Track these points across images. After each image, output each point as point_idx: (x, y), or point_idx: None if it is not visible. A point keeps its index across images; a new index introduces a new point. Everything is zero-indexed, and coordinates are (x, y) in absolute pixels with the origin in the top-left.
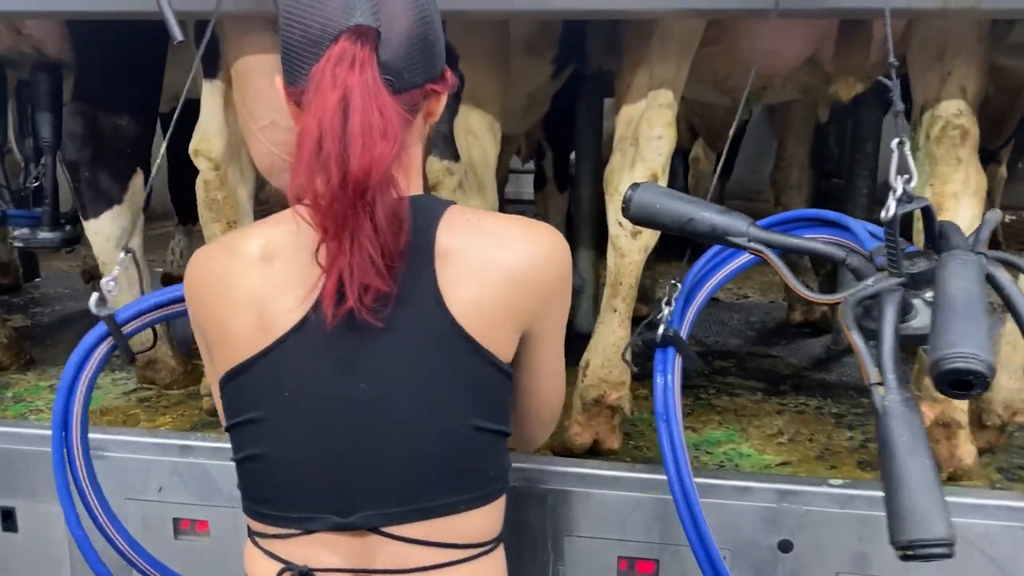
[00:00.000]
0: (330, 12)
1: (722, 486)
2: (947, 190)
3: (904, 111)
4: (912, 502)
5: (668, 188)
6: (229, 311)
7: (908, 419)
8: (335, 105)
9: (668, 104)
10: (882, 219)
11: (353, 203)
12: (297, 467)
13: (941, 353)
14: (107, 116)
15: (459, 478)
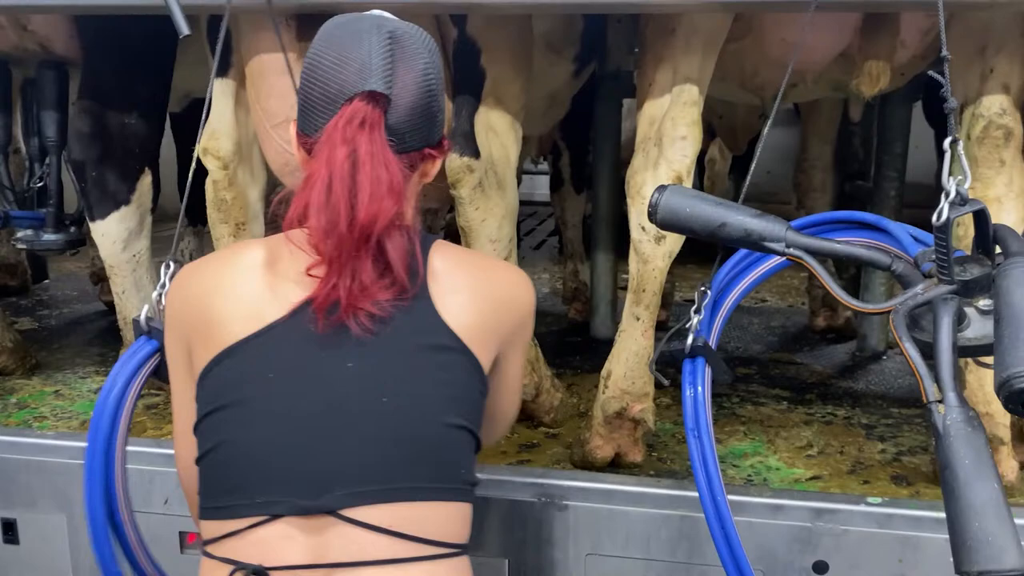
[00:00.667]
0: (348, 75)
1: (753, 503)
2: (990, 194)
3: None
4: (981, 530)
5: (699, 192)
6: (221, 306)
7: (973, 439)
8: (344, 157)
9: (693, 101)
10: (934, 223)
11: (357, 246)
12: (270, 448)
13: (1013, 370)
14: (115, 114)
15: (430, 467)
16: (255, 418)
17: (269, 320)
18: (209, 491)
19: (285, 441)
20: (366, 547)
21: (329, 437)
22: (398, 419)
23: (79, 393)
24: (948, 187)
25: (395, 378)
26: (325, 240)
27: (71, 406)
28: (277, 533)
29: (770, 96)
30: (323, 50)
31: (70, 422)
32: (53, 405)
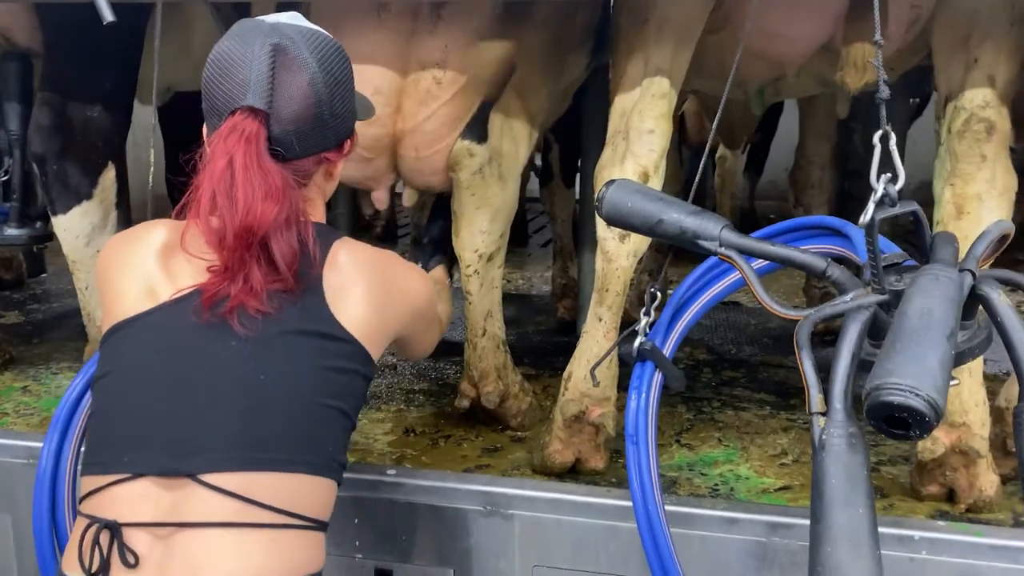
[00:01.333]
0: (231, 88)
1: (706, 516)
2: (969, 190)
3: (917, 101)
4: (831, 556)
5: (644, 186)
6: (123, 279)
7: (847, 458)
8: (223, 168)
9: (663, 94)
10: (859, 223)
11: (242, 253)
12: (142, 412)
13: (876, 382)
14: (77, 107)
15: (295, 441)
16: (130, 385)
17: (160, 299)
18: (88, 449)
19: (156, 407)
20: (215, 509)
21: (199, 406)
22: (269, 394)
23: (47, 389)
24: (875, 185)
25: (273, 358)
26: (218, 246)
27: (36, 403)
28: (135, 491)
29: (753, 90)
30: (220, 52)
31: (31, 419)
32: (18, 401)
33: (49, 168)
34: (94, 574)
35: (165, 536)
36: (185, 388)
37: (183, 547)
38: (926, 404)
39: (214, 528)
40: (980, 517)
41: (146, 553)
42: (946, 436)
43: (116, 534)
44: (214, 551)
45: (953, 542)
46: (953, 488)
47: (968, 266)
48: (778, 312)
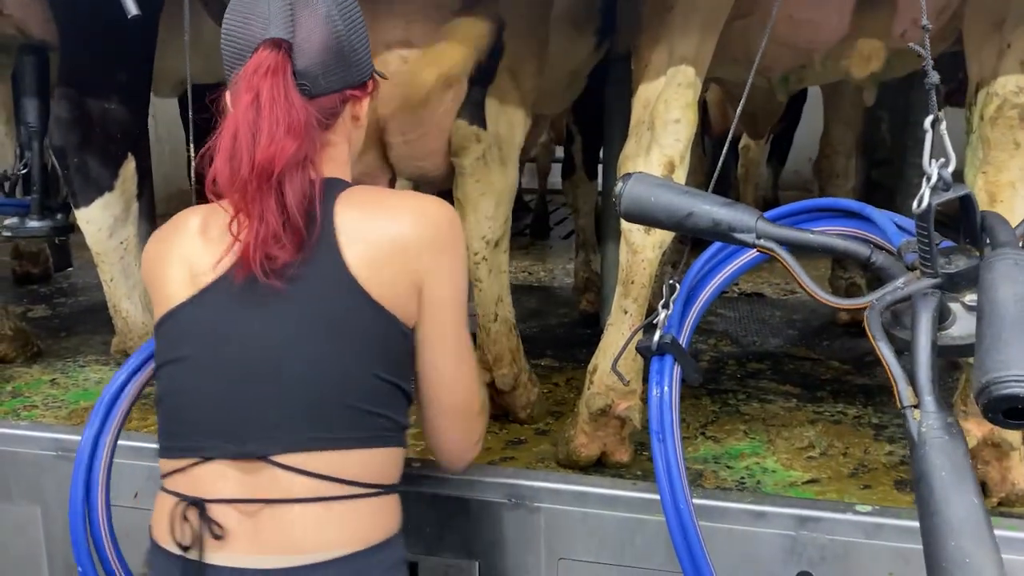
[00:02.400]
0: (253, 29)
1: (734, 510)
2: (1002, 179)
3: (954, 88)
4: (957, 549)
5: (666, 180)
6: (166, 268)
7: (951, 449)
8: (248, 104)
9: (689, 83)
10: (914, 211)
11: (259, 186)
12: (205, 400)
13: (992, 375)
14: (94, 100)
15: (352, 418)
16: (189, 374)
17: (203, 284)
18: (161, 433)
19: (217, 394)
20: (294, 486)
21: (259, 391)
22: (320, 377)
23: (75, 382)
24: (930, 171)
25: (315, 340)
26: (232, 187)
27: (64, 395)
28: (214, 472)
29: (778, 78)
30: (231, 12)
31: (59, 411)
32: (47, 394)
33: (70, 161)
34: (187, 547)
35: (253, 512)
36: (243, 373)
37: (272, 521)
38: None
39: (298, 503)
40: (1012, 511)
41: (236, 528)
42: (978, 428)
43: (202, 510)
44: (302, 523)
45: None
46: (985, 481)
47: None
48: (832, 302)
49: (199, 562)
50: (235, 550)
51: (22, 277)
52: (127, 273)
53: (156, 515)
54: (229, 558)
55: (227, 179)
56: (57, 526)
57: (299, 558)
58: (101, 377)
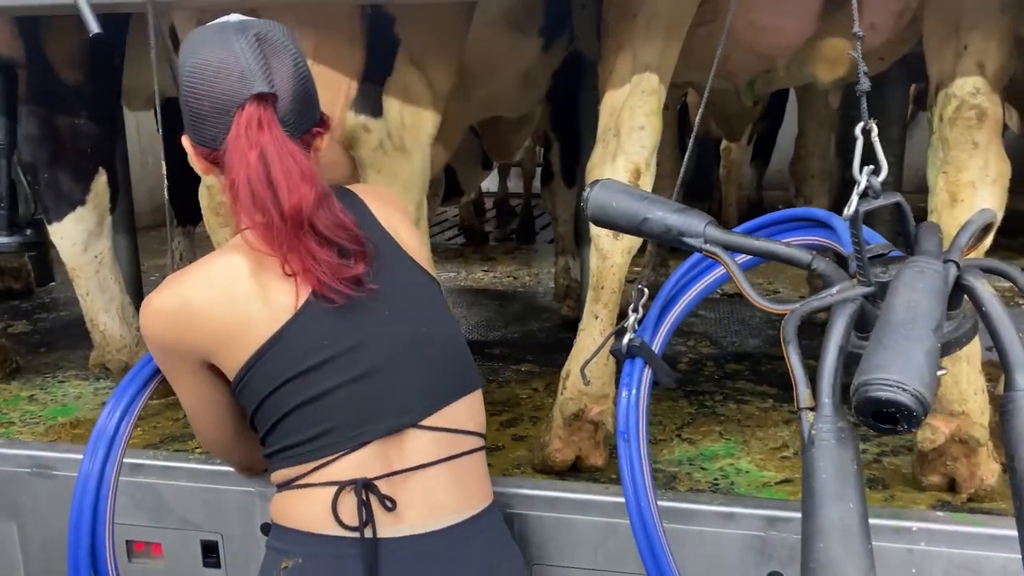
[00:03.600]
0: (232, 83)
1: (704, 512)
2: (963, 178)
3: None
4: (824, 552)
5: (628, 186)
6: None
7: (837, 453)
8: (256, 161)
9: (653, 90)
10: (843, 216)
11: (294, 233)
12: (350, 395)
13: (864, 378)
14: (63, 115)
15: (461, 369)
16: (326, 378)
17: (291, 312)
18: (294, 443)
19: (359, 387)
20: (432, 448)
21: (393, 372)
22: (434, 340)
23: (53, 398)
24: (858, 178)
25: (419, 313)
26: (270, 239)
27: (42, 411)
28: (361, 456)
29: (743, 82)
30: (199, 63)
31: (36, 428)
32: (24, 410)
33: (41, 177)
34: (363, 526)
35: (401, 482)
36: (371, 363)
37: (418, 487)
38: (913, 399)
39: (435, 465)
40: (982, 506)
41: (393, 498)
42: (946, 425)
43: (372, 488)
44: (440, 485)
45: (951, 533)
46: (954, 478)
47: (952, 257)
48: (764, 307)
49: (374, 538)
50: (395, 521)
51: (3, 292)
52: (103, 287)
53: (301, 506)
54: (392, 530)
55: (263, 232)
56: (34, 543)
57: (447, 518)
58: (80, 392)
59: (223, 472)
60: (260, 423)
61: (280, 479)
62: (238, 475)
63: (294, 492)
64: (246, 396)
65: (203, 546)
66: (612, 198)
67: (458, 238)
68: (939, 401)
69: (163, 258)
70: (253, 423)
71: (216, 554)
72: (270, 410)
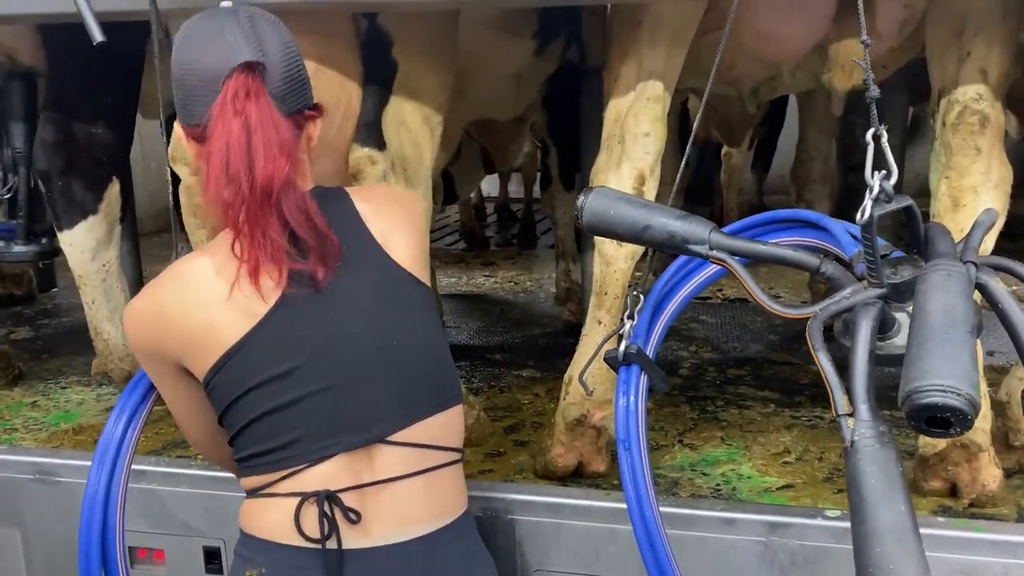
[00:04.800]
0: (219, 55)
1: (706, 517)
2: (965, 183)
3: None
4: (882, 556)
5: (626, 193)
6: (210, 313)
7: (882, 457)
8: (239, 129)
9: (658, 97)
10: (857, 221)
11: (261, 205)
12: (316, 406)
13: (914, 384)
14: (80, 124)
15: (437, 383)
16: (291, 387)
17: (260, 313)
18: (259, 452)
19: (326, 397)
20: (405, 461)
21: (359, 386)
22: (409, 350)
23: (56, 404)
24: (871, 183)
25: (394, 321)
26: (234, 209)
27: (44, 418)
28: (332, 467)
29: (748, 89)
30: (188, 44)
31: (39, 434)
32: (27, 417)
33: (54, 184)
34: (324, 539)
35: (372, 494)
36: (339, 375)
37: (388, 500)
38: (966, 402)
39: (406, 479)
40: (983, 512)
41: (360, 511)
42: None
43: (336, 501)
44: (411, 497)
45: (953, 538)
46: (956, 483)
47: (970, 257)
48: (780, 312)
49: (338, 550)
50: (362, 533)
51: (6, 299)
52: (109, 295)
53: (266, 516)
54: (359, 541)
55: (228, 202)
56: (36, 549)
57: (416, 528)
58: (82, 399)
59: (225, 479)
60: (228, 428)
61: (248, 486)
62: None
63: (260, 500)
64: (214, 400)
65: (205, 552)
66: (610, 206)
67: (459, 243)
68: None
69: (165, 264)
70: (222, 426)
71: (218, 560)
72: (235, 416)
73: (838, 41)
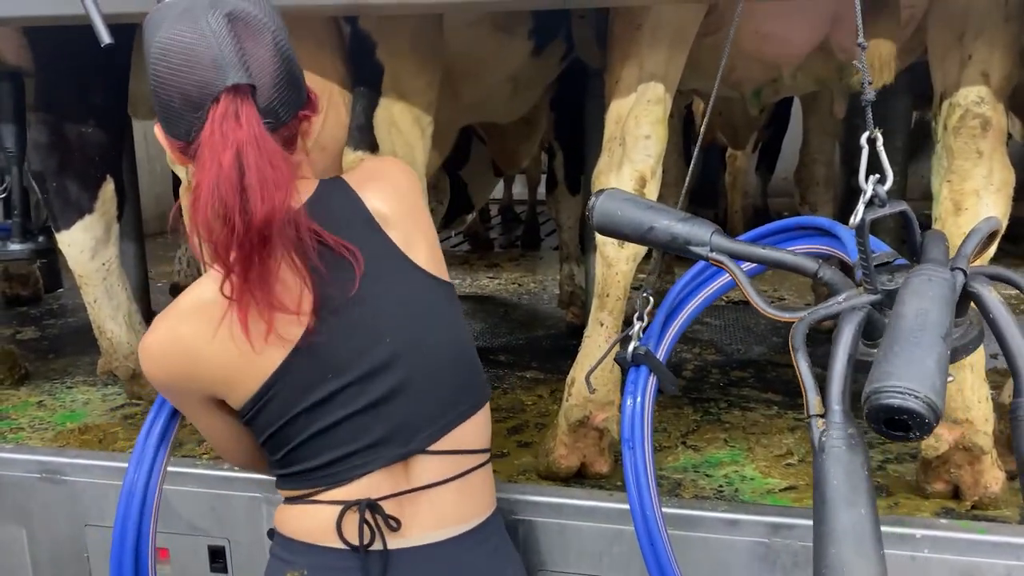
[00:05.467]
0: (204, 75)
1: (708, 518)
2: (967, 187)
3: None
4: (836, 557)
5: (633, 195)
6: (233, 349)
7: (847, 460)
8: (231, 163)
9: (659, 99)
10: (850, 225)
11: (255, 246)
12: (357, 428)
13: (875, 385)
14: (71, 124)
15: (467, 386)
16: (331, 411)
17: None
18: (305, 470)
19: (367, 416)
20: (441, 469)
21: (395, 401)
22: (441, 360)
23: (61, 404)
24: (864, 187)
25: (423, 331)
26: (223, 248)
27: (51, 417)
28: (372, 479)
29: (750, 91)
30: (165, 47)
31: (45, 434)
32: (33, 416)
33: (49, 185)
34: (367, 545)
35: (409, 501)
36: (378, 391)
37: (425, 505)
38: (925, 405)
39: (444, 484)
40: (986, 514)
41: (399, 516)
42: (949, 433)
43: (377, 509)
44: (447, 500)
45: (955, 540)
46: (958, 485)
47: (959, 264)
48: (771, 315)
49: (383, 551)
50: (401, 535)
51: (12, 299)
52: (110, 294)
53: (307, 521)
54: (399, 542)
55: (222, 240)
56: (42, 548)
57: (452, 530)
58: (88, 398)
59: (231, 478)
60: (269, 451)
61: (287, 494)
62: (245, 482)
63: (302, 506)
64: (254, 429)
65: (210, 551)
66: (618, 207)
67: (463, 245)
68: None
69: (170, 265)
70: (263, 447)
71: (223, 559)
72: (278, 441)
73: (833, 42)
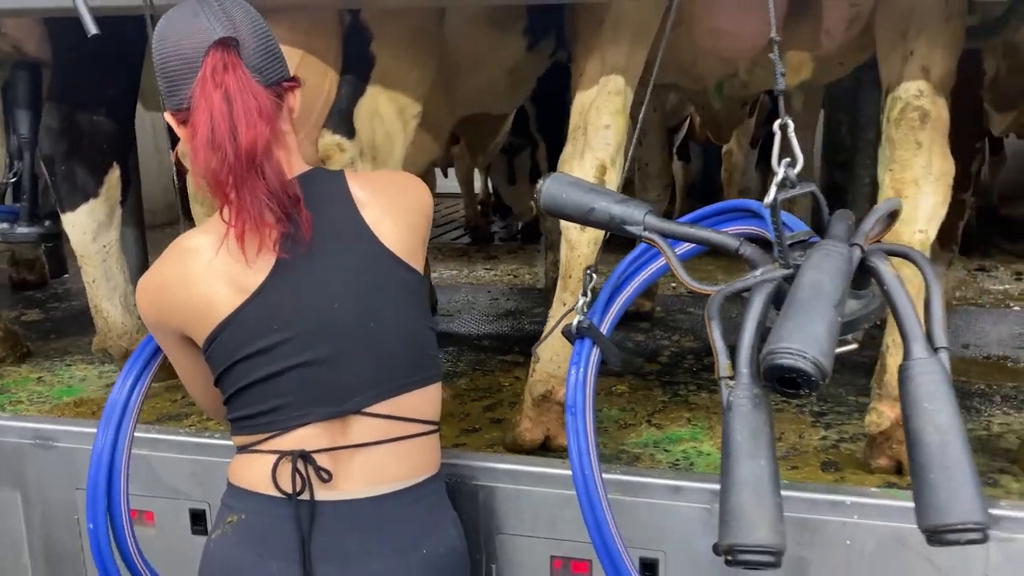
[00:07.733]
0: (197, 36)
1: (653, 484)
2: (907, 176)
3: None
4: (736, 504)
5: (577, 179)
6: (205, 288)
7: (752, 417)
8: (220, 99)
9: (619, 91)
10: (764, 205)
11: (246, 168)
12: (296, 379)
13: (769, 347)
14: (83, 112)
15: (416, 363)
16: (274, 360)
17: (245, 295)
18: (248, 415)
19: (308, 371)
20: (377, 430)
21: (338, 361)
22: (389, 334)
23: (60, 379)
24: (776, 169)
25: (373, 303)
26: (220, 176)
27: (49, 391)
28: (310, 431)
29: (712, 85)
30: (166, 33)
31: (42, 407)
32: (32, 391)
33: (58, 168)
34: (298, 494)
35: (344, 456)
36: (322, 349)
37: (360, 461)
38: (812, 365)
39: (379, 444)
40: None
41: (333, 470)
42: (891, 410)
43: (309, 460)
44: (383, 460)
45: (883, 507)
46: (901, 460)
47: (857, 240)
48: (693, 287)
49: (311, 501)
50: (333, 487)
51: (19, 283)
52: (108, 275)
53: (250, 470)
54: (330, 494)
55: (215, 170)
56: (37, 511)
57: (385, 487)
58: (85, 375)
59: (211, 445)
60: (222, 391)
61: (237, 443)
62: (225, 449)
63: (246, 456)
64: (211, 366)
65: (192, 514)
66: (562, 190)
67: (463, 237)
68: (885, 386)
69: None
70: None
71: (204, 522)
72: (227, 382)
73: (789, 39)
